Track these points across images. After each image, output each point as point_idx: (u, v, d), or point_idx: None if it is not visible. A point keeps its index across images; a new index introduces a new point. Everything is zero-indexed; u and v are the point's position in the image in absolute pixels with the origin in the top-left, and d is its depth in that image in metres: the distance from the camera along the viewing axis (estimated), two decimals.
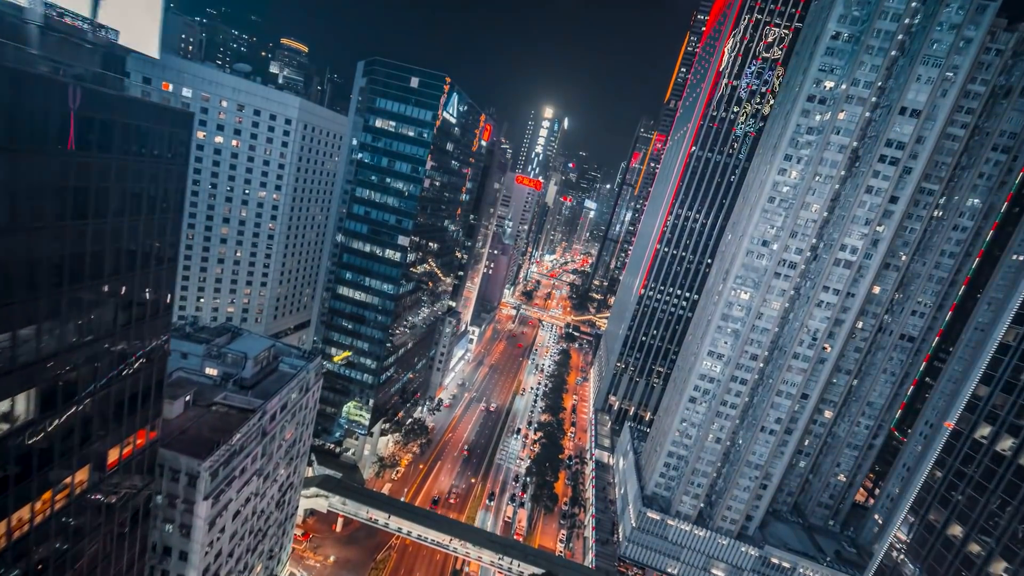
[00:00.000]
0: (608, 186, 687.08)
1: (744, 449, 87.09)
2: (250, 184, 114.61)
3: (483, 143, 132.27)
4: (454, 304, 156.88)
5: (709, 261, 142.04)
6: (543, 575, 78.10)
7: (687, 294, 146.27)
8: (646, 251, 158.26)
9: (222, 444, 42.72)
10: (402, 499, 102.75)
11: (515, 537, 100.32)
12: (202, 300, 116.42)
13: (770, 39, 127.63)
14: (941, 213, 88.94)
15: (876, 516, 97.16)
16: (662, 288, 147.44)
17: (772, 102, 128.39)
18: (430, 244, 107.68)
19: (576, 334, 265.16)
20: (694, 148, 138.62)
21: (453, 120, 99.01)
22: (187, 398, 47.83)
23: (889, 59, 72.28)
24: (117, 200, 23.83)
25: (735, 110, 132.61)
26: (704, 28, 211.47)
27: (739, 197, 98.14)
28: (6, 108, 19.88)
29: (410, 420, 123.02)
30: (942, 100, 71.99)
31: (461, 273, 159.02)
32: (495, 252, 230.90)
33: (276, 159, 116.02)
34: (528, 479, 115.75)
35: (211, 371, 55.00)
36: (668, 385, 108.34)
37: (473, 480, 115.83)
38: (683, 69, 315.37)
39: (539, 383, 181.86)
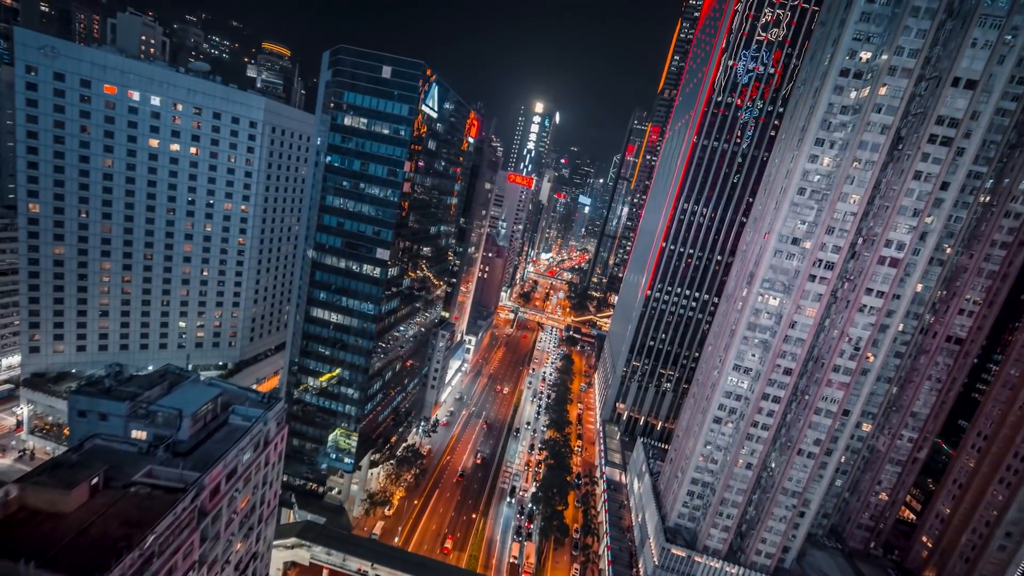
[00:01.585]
0: (602, 181, 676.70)
1: (778, 474, 76.92)
2: (214, 195, 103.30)
3: (471, 140, 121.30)
4: (447, 315, 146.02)
5: (719, 258, 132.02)
6: None
7: (697, 294, 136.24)
8: (650, 249, 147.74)
9: (128, 552, 31.93)
10: (396, 539, 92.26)
11: None
12: (167, 326, 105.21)
13: (777, 15, 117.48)
14: (990, 198, 79.10)
15: (924, 538, 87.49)
16: (670, 288, 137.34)
17: (784, 83, 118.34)
18: (416, 254, 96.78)
19: (577, 336, 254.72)
20: (698, 137, 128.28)
21: (435, 115, 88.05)
22: (94, 480, 36.99)
23: (937, 22, 61.88)
24: None
25: (742, 94, 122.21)
26: (700, 11, 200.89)
27: (759, 190, 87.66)
28: None
29: (403, 446, 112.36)
30: (999, 68, 61.76)
31: (453, 280, 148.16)
32: (489, 255, 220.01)
33: (242, 166, 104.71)
34: (535, 508, 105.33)
35: (138, 434, 44.20)
36: (687, 401, 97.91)
37: (474, 515, 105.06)
38: (676, 57, 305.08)
39: (539, 406, 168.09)
